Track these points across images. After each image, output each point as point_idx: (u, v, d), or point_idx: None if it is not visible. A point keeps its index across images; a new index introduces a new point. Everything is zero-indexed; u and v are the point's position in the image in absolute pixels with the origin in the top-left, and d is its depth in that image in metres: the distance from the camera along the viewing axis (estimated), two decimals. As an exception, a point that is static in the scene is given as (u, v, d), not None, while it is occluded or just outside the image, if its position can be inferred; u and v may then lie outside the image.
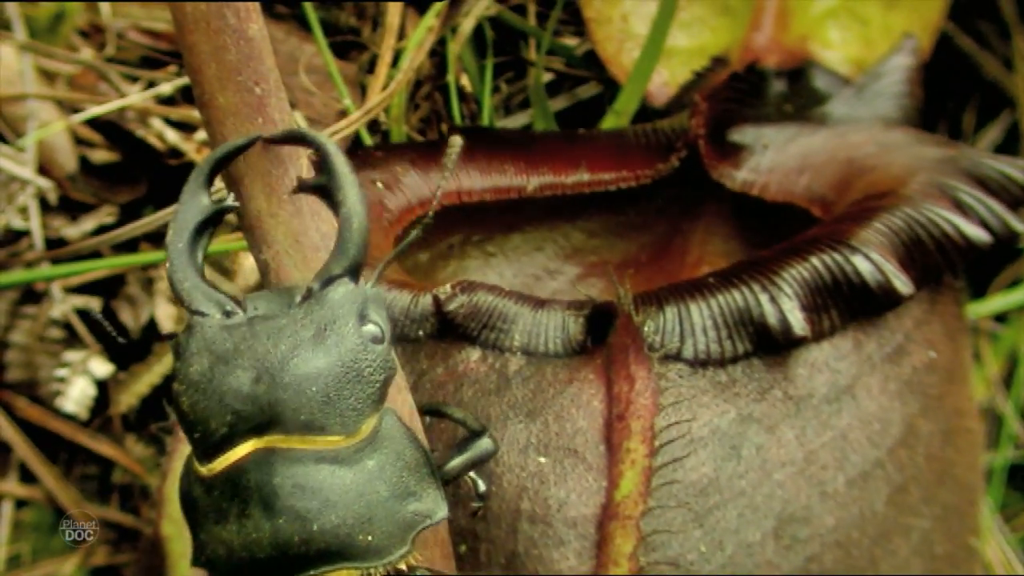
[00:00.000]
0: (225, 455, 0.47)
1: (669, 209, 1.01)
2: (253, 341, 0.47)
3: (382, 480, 0.47)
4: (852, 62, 1.02)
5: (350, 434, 0.47)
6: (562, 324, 0.59)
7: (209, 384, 0.47)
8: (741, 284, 0.59)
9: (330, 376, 0.46)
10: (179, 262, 0.49)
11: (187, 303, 0.49)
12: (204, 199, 0.51)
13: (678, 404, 0.55)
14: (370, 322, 0.48)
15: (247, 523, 0.46)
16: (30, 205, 0.85)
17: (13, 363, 0.86)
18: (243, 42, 0.49)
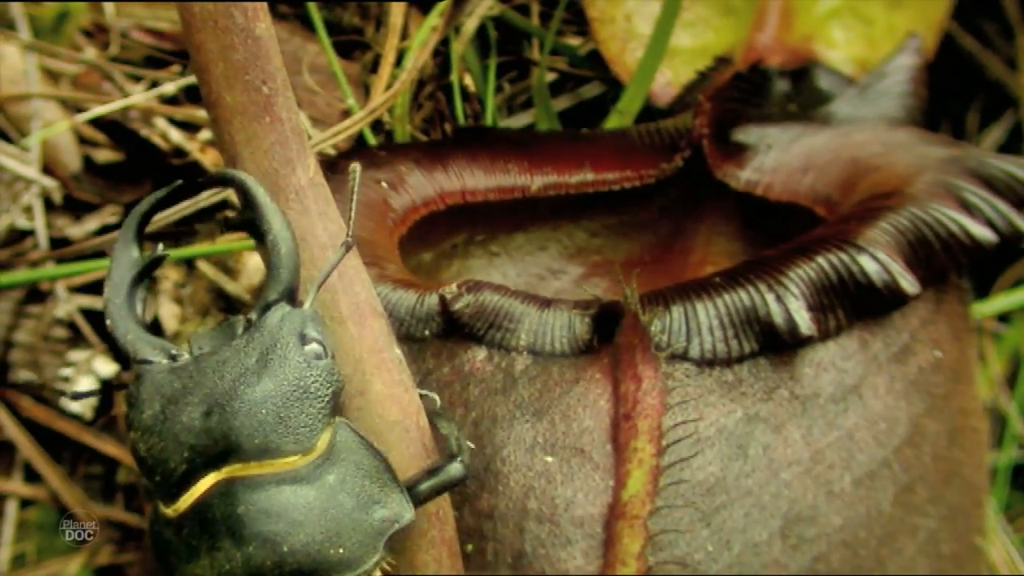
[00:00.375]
0: (188, 493, 0.48)
1: (672, 209, 1.01)
2: (200, 378, 0.48)
3: (344, 492, 0.48)
4: (856, 62, 1.02)
5: (306, 451, 0.48)
6: (568, 323, 0.59)
7: (162, 426, 0.48)
8: (747, 284, 0.59)
9: (278, 397, 0.47)
10: (119, 316, 0.51)
11: (132, 354, 0.50)
12: (134, 253, 0.52)
13: (685, 404, 0.55)
14: (311, 340, 0.49)
15: (218, 555, 0.47)
16: (34, 205, 0.85)
17: (18, 363, 0.86)
18: (250, 41, 0.49)
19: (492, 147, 0.94)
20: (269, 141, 0.50)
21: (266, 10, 0.49)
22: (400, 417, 0.52)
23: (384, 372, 0.52)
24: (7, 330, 0.85)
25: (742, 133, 0.94)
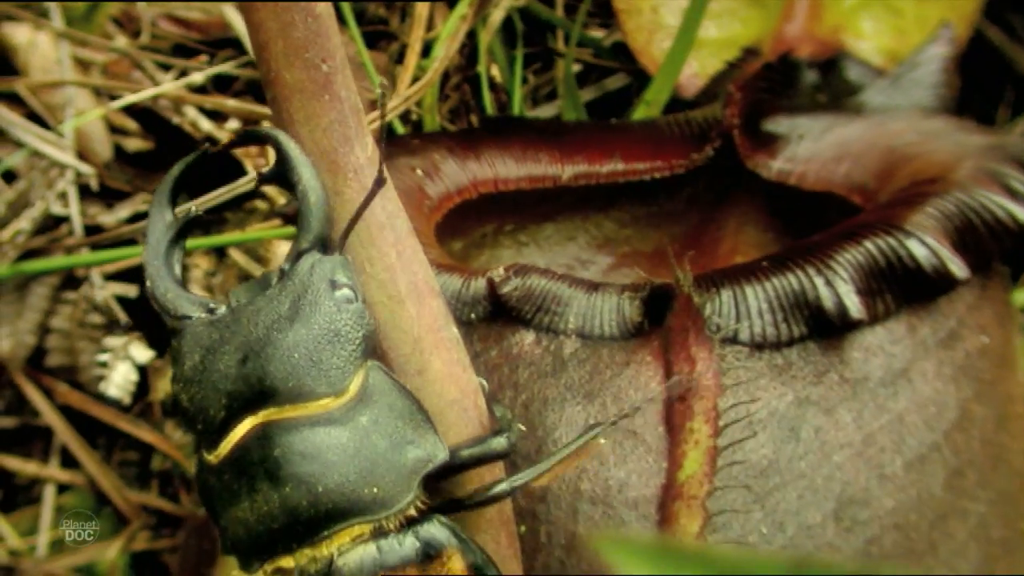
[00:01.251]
0: (227, 438, 0.49)
1: (701, 199, 1.01)
2: (236, 327, 0.49)
3: (378, 433, 0.49)
4: (885, 53, 1.02)
5: (339, 394, 0.49)
6: (617, 306, 0.59)
7: (202, 375, 0.49)
8: (796, 267, 0.59)
9: (310, 341, 0.49)
10: (158, 276, 0.52)
11: (172, 311, 0.51)
12: (168, 215, 0.54)
13: (738, 386, 0.55)
14: (341, 286, 0.50)
15: (257, 498, 0.48)
16: (69, 191, 0.85)
17: (54, 348, 0.86)
18: (311, 19, 0.49)
19: (523, 136, 0.94)
20: (328, 119, 0.50)
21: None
22: (458, 396, 0.52)
23: (443, 351, 0.52)
24: (43, 316, 0.85)
25: (772, 123, 0.94)
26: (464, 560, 0.50)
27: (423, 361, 0.52)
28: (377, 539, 0.48)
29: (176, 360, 0.51)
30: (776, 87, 0.99)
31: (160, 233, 0.53)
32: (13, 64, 0.91)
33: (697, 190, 1.01)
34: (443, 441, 0.50)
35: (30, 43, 0.88)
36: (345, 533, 0.48)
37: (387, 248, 0.51)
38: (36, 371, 0.87)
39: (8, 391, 0.87)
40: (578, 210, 1.00)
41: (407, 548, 0.49)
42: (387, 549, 0.48)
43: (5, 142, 0.88)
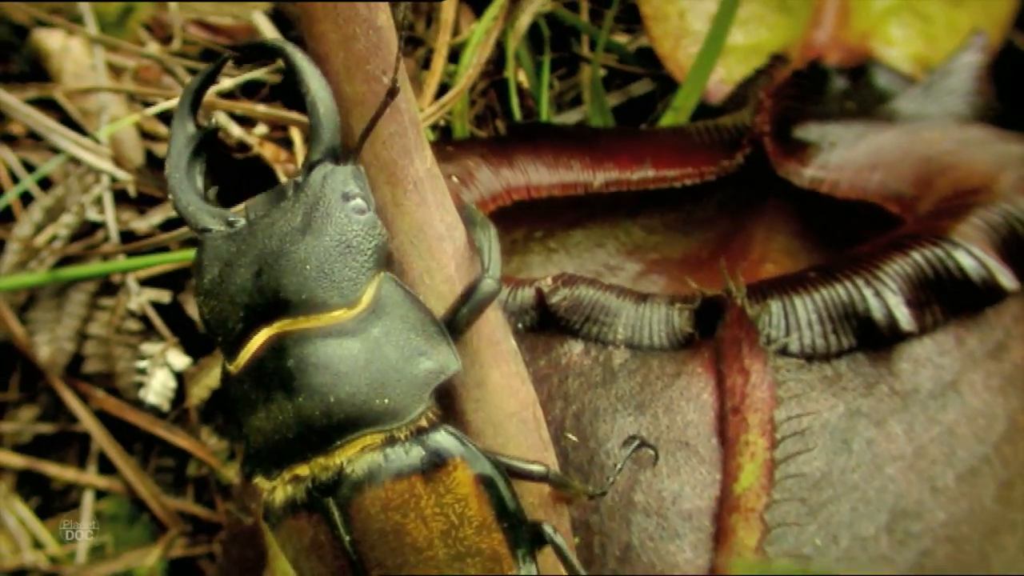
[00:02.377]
0: (244, 349, 0.50)
1: (729, 206, 1.01)
2: (252, 240, 0.50)
3: (390, 344, 0.49)
4: (914, 60, 1.02)
5: (351, 305, 0.49)
6: (666, 317, 0.59)
7: (220, 288, 0.50)
8: (844, 278, 0.59)
9: (322, 252, 0.49)
10: (180, 189, 0.52)
11: (193, 224, 0.52)
12: (190, 128, 0.54)
13: (792, 399, 0.55)
14: (353, 196, 0.50)
15: (273, 407, 0.49)
16: (105, 197, 0.85)
17: (91, 355, 0.86)
18: (372, 31, 0.49)
19: (554, 143, 0.94)
20: (388, 131, 0.50)
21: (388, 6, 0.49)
22: (517, 408, 0.52)
23: (501, 363, 0.52)
24: (81, 322, 0.85)
25: (803, 130, 0.94)
26: (471, 469, 0.50)
27: (482, 374, 0.52)
28: (385, 448, 0.49)
29: (197, 272, 0.51)
30: (805, 94, 0.99)
31: (181, 145, 0.53)
32: (46, 69, 0.91)
33: (726, 196, 1.01)
34: (456, 352, 0.51)
35: (63, 48, 0.88)
36: (357, 443, 0.49)
37: (446, 260, 0.51)
38: (73, 377, 0.87)
39: (45, 397, 0.87)
40: (607, 216, 1.00)
41: (413, 456, 0.49)
42: (393, 457, 0.49)
43: (39, 147, 0.88)
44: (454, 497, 0.50)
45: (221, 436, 0.87)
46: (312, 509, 0.50)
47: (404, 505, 0.49)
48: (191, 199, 0.52)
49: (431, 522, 0.49)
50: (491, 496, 0.50)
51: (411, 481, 0.49)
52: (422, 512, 0.49)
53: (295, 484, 0.50)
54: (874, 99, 0.99)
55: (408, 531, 0.49)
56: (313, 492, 0.49)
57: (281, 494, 0.51)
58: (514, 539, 0.51)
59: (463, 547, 0.50)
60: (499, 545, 0.51)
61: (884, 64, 1.01)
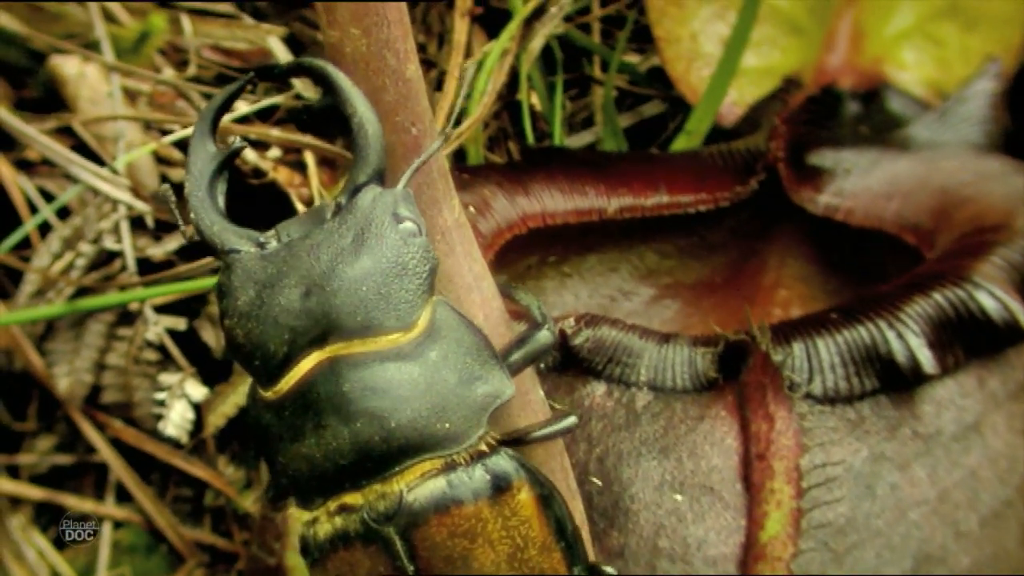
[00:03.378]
0: (290, 374, 0.48)
1: (742, 230, 1.01)
2: (295, 261, 0.48)
3: (447, 368, 0.48)
4: (927, 84, 1.02)
5: (407, 328, 0.48)
6: (689, 359, 0.59)
7: (260, 310, 0.48)
8: (866, 320, 0.59)
9: (378, 274, 0.48)
10: (202, 209, 0.51)
11: (219, 246, 0.50)
12: (211, 147, 0.52)
13: (818, 447, 0.55)
14: (404, 219, 0.49)
15: (325, 433, 0.47)
16: (122, 227, 0.85)
17: (109, 385, 0.86)
18: (401, 83, 0.49)
19: (568, 168, 0.94)
20: (416, 182, 0.50)
21: (415, 52, 0.49)
22: (546, 458, 0.52)
23: (529, 413, 0.52)
24: (99, 353, 0.85)
25: (817, 156, 0.94)
26: (533, 491, 0.50)
27: (509, 423, 0.52)
28: (447, 473, 0.48)
29: (227, 295, 0.49)
30: (819, 119, 1.00)
31: (203, 165, 0.51)
32: (62, 95, 0.91)
33: (739, 221, 1.01)
34: (510, 377, 0.50)
35: (79, 74, 0.88)
36: (416, 468, 0.48)
37: (475, 310, 0.51)
38: (91, 407, 0.87)
39: (62, 426, 0.87)
40: (620, 241, 1.01)
41: (478, 481, 0.48)
42: (457, 483, 0.48)
43: (55, 172, 0.88)
44: (519, 519, 0.49)
45: (238, 465, 0.87)
46: (368, 540, 0.48)
47: (471, 530, 0.48)
48: (215, 219, 0.51)
49: (498, 546, 0.49)
50: (550, 516, 0.50)
51: (478, 506, 0.48)
52: (489, 537, 0.49)
53: (345, 515, 0.49)
54: (887, 123, 0.99)
55: (476, 556, 0.49)
56: (371, 523, 0.48)
57: (328, 527, 0.49)
58: (571, 557, 0.51)
59: (528, 568, 0.50)
60: (559, 564, 0.51)
61: (897, 88, 1.02)
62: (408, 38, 0.48)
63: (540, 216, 0.89)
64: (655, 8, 1.08)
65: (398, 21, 0.47)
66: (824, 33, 1.07)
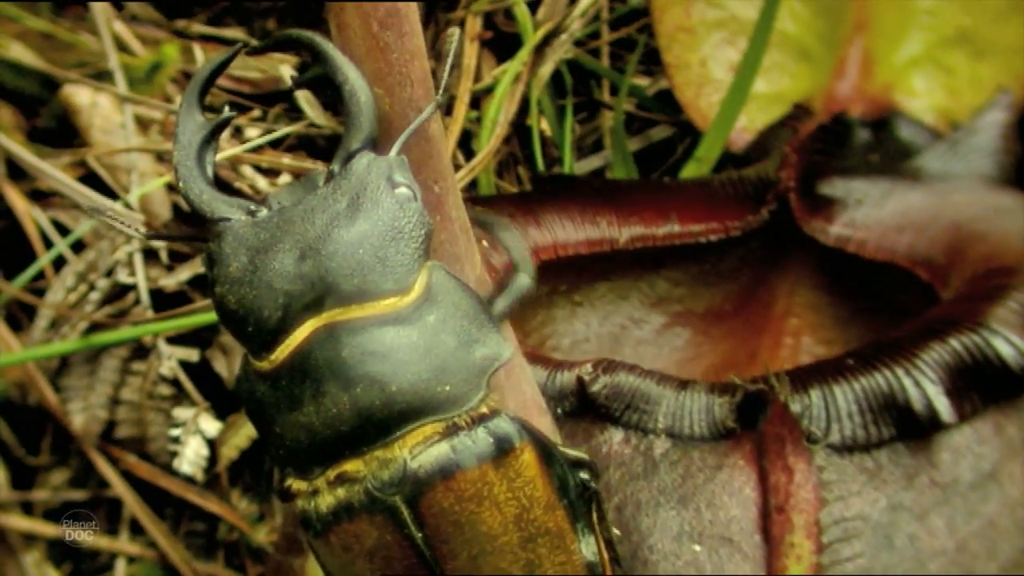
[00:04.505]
0: (286, 341, 0.47)
1: (753, 258, 1.01)
2: (288, 226, 0.48)
3: (446, 331, 0.48)
4: (937, 111, 1.02)
5: (405, 292, 0.48)
6: (707, 407, 0.59)
7: (253, 276, 0.47)
8: (883, 367, 0.60)
9: (374, 238, 0.47)
10: (190, 178, 0.50)
11: (208, 213, 0.49)
12: (199, 117, 0.51)
13: (839, 500, 0.55)
14: (399, 184, 0.49)
15: (324, 400, 0.47)
16: (136, 260, 0.86)
17: (123, 420, 0.86)
18: (424, 141, 0.49)
19: (579, 198, 0.94)
20: (439, 239, 0.50)
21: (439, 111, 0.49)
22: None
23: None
24: (114, 388, 0.85)
25: (828, 186, 0.94)
26: (535, 452, 0.50)
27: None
28: (450, 438, 0.48)
29: (219, 262, 0.48)
30: (830, 148, 1.00)
31: (191, 134, 0.51)
32: (75, 124, 0.92)
33: (749, 249, 1.01)
34: (506, 340, 0.50)
35: (92, 104, 0.88)
36: (418, 432, 0.47)
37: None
38: (105, 442, 0.87)
39: (76, 460, 0.87)
40: (631, 268, 1.01)
41: (481, 444, 0.48)
42: (461, 448, 0.48)
43: (66, 203, 0.88)
44: (523, 480, 0.49)
45: (251, 499, 0.87)
46: (374, 510, 0.48)
47: (478, 494, 0.48)
48: (204, 188, 0.50)
49: (505, 507, 0.49)
50: (552, 475, 0.51)
51: (483, 469, 0.48)
52: (496, 499, 0.49)
53: (348, 486, 0.48)
54: (898, 152, 0.99)
55: (483, 519, 0.49)
56: (375, 492, 0.48)
57: (331, 499, 0.49)
58: (574, 514, 0.52)
59: (534, 528, 0.50)
60: (562, 521, 0.51)
61: (907, 116, 1.02)
62: (430, 96, 0.48)
63: (552, 248, 0.89)
64: (665, 34, 1.08)
65: (421, 81, 0.48)
66: (834, 60, 1.07)
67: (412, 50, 0.46)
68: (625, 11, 1.15)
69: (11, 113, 0.91)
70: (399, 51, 0.46)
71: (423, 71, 0.48)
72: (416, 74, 0.47)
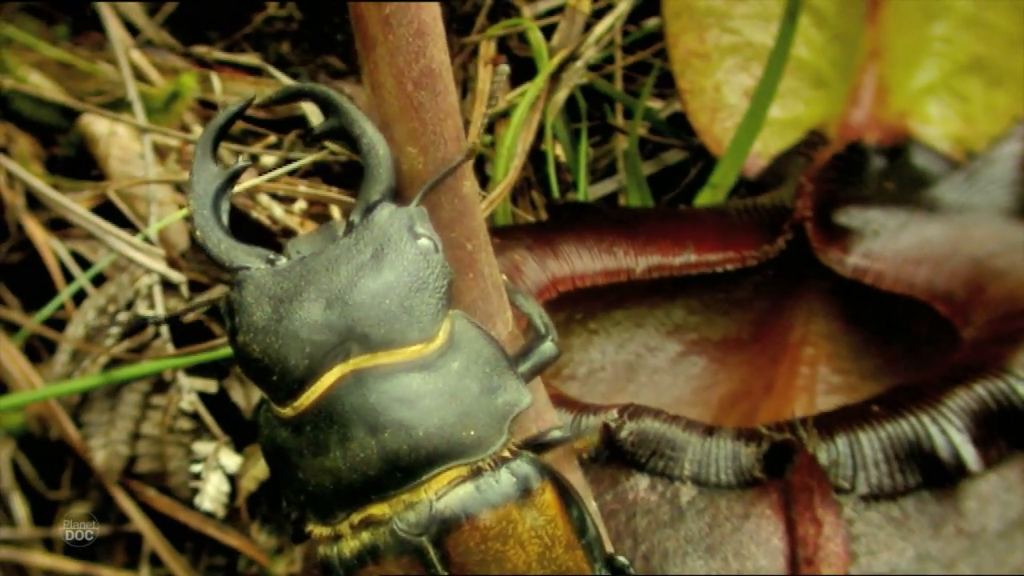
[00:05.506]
0: (311, 389, 0.48)
1: (768, 286, 1.01)
2: (312, 276, 0.49)
3: (469, 378, 0.49)
4: (952, 139, 1.02)
5: (429, 340, 0.49)
6: (733, 454, 0.59)
7: (278, 325, 0.48)
8: (908, 414, 0.60)
9: (400, 288, 0.48)
10: (208, 227, 0.51)
11: (227, 262, 0.50)
12: (213, 166, 0.52)
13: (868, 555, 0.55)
14: (421, 236, 0.50)
15: (351, 445, 0.48)
16: (156, 293, 0.86)
17: (144, 455, 0.86)
18: (457, 200, 0.49)
19: (596, 227, 0.94)
20: (471, 297, 0.51)
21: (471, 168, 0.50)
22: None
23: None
24: (135, 424, 0.85)
25: (844, 215, 0.94)
26: (555, 491, 0.51)
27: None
28: (475, 479, 0.49)
29: (241, 311, 0.49)
30: (845, 176, 1.00)
31: (206, 184, 0.52)
32: (93, 154, 0.92)
33: (764, 278, 1.01)
34: (526, 387, 0.51)
35: (110, 133, 0.88)
36: (444, 476, 0.49)
37: (528, 424, 0.52)
38: (125, 477, 0.88)
39: (96, 494, 0.87)
40: (646, 296, 1.01)
41: (505, 485, 0.50)
42: (486, 488, 0.49)
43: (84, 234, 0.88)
44: (546, 519, 0.51)
45: (270, 532, 0.87)
46: (401, 552, 0.49)
47: (503, 533, 0.50)
48: (221, 237, 0.51)
49: (528, 546, 0.50)
50: (572, 514, 0.52)
51: (507, 508, 0.50)
52: (520, 538, 0.50)
53: (373, 529, 0.49)
54: (913, 180, 0.99)
55: (508, 557, 0.50)
56: (401, 534, 0.49)
57: (355, 543, 0.50)
58: (592, 554, 0.53)
59: (555, 566, 0.51)
60: (582, 561, 0.52)
61: (922, 143, 1.02)
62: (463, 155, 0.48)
63: (570, 279, 0.90)
64: (679, 60, 1.08)
65: (454, 139, 0.48)
66: (848, 86, 1.07)
67: (446, 109, 0.47)
68: (639, 36, 1.15)
69: (29, 143, 0.92)
70: (433, 111, 0.47)
71: (456, 129, 0.48)
72: (450, 132, 0.48)
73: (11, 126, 0.90)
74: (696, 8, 1.08)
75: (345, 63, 1.11)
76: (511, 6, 1.15)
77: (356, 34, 0.46)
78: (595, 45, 1.09)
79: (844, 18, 1.05)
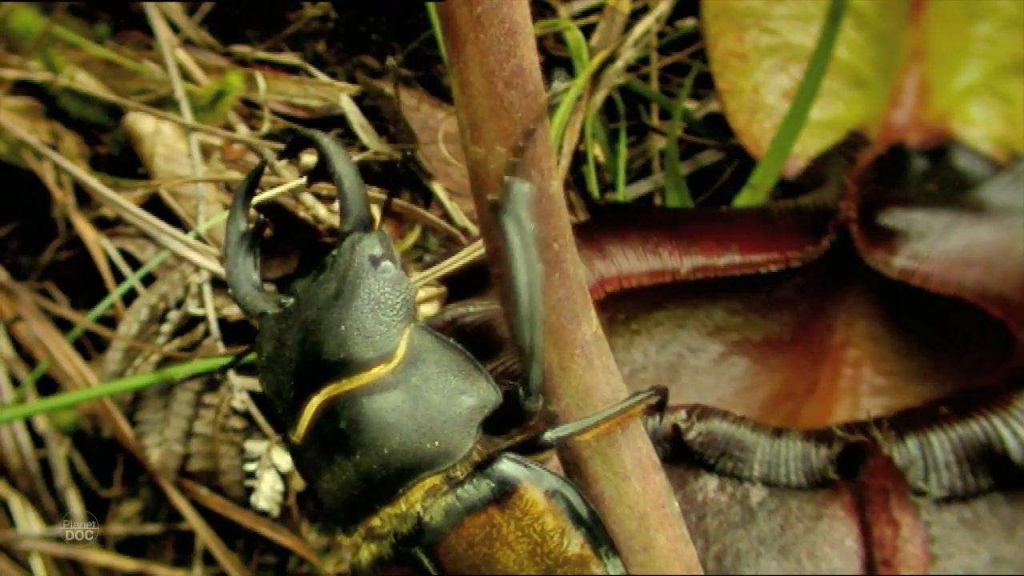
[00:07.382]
0: (301, 419, 0.52)
1: (810, 287, 1.01)
2: (298, 314, 0.53)
3: (430, 389, 0.51)
4: (994, 140, 1.02)
5: (388, 359, 0.51)
6: (803, 455, 0.59)
7: (275, 362, 0.53)
8: (978, 415, 0.59)
9: (356, 314, 0.51)
10: (237, 282, 0.56)
11: (252, 311, 0.55)
12: (242, 224, 0.58)
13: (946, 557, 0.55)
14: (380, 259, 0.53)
15: (336, 469, 0.51)
16: (206, 291, 0.86)
17: (196, 453, 0.86)
18: (545, 199, 0.49)
19: (640, 228, 0.94)
20: (557, 297, 0.51)
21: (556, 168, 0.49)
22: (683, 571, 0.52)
23: (667, 527, 0.52)
24: (188, 422, 0.85)
25: (888, 217, 0.94)
26: (540, 488, 0.52)
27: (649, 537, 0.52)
28: (455, 488, 0.51)
29: (258, 352, 0.54)
30: (887, 177, 1.00)
31: (236, 241, 0.57)
32: (138, 152, 0.92)
33: (806, 279, 1.01)
34: (495, 385, 0.53)
35: (155, 132, 0.88)
36: (419, 487, 0.51)
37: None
38: (177, 475, 0.88)
39: (147, 491, 0.87)
40: (689, 297, 1.01)
41: (483, 490, 0.51)
42: (464, 495, 0.51)
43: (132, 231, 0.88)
44: (531, 517, 0.52)
45: (320, 532, 0.87)
46: (401, 562, 0.52)
47: (488, 536, 0.51)
48: (248, 289, 0.56)
49: (516, 545, 0.52)
50: (564, 506, 0.53)
51: (488, 513, 0.51)
52: (506, 539, 0.51)
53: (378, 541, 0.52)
54: (955, 181, 0.99)
55: (498, 559, 0.51)
56: (398, 546, 0.51)
57: (367, 552, 0.53)
58: (595, 539, 0.53)
59: (551, 560, 0.52)
60: (583, 549, 0.53)
61: (964, 145, 1.01)
62: (551, 155, 0.48)
63: (617, 279, 0.89)
64: (718, 60, 1.08)
65: (543, 139, 0.48)
66: (889, 87, 1.07)
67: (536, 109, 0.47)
68: (676, 36, 1.15)
69: (75, 141, 0.92)
70: (523, 110, 0.46)
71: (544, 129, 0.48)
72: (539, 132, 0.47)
73: (58, 124, 0.91)
74: (735, 9, 1.08)
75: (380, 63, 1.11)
76: (547, 6, 1.15)
77: (445, 34, 0.46)
78: (634, 46, 1.09)
79: (885, 19, 1.05)
